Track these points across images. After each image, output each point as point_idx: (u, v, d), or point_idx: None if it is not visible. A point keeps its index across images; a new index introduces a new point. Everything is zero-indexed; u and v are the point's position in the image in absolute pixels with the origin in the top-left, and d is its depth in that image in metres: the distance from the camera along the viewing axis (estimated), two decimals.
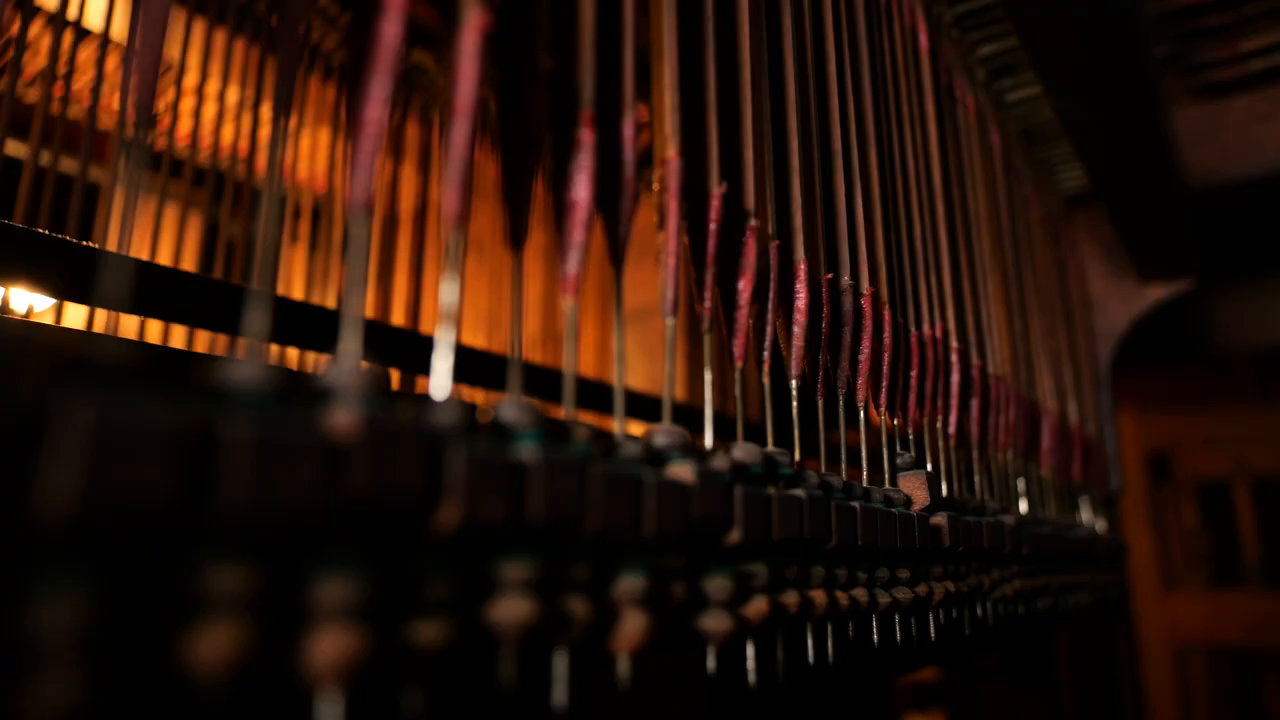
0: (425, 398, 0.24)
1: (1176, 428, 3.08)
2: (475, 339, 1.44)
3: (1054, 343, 1.07)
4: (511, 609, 0.25)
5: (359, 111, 0.24)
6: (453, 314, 0.26)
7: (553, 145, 0.31)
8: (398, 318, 1.29)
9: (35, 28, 1.03)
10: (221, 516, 0.18)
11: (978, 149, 0.87)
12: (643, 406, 1.20)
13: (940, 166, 0.73)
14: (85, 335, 0.65)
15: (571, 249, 0.31)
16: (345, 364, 0.22)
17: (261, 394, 0.19)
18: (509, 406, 0.26)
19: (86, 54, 1.01)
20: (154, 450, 0.16)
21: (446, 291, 0.26)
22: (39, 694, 0.15)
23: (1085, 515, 1.12)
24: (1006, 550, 0.67)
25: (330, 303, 1.31)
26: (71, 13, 0.91)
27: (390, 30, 0.24)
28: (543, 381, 1.10)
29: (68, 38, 0.89)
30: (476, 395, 1.05)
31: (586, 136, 0.32)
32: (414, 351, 0.95)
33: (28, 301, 1.15)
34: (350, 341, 0.23)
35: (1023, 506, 0.84)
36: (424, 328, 1.23)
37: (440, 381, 0.25)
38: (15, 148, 0.91)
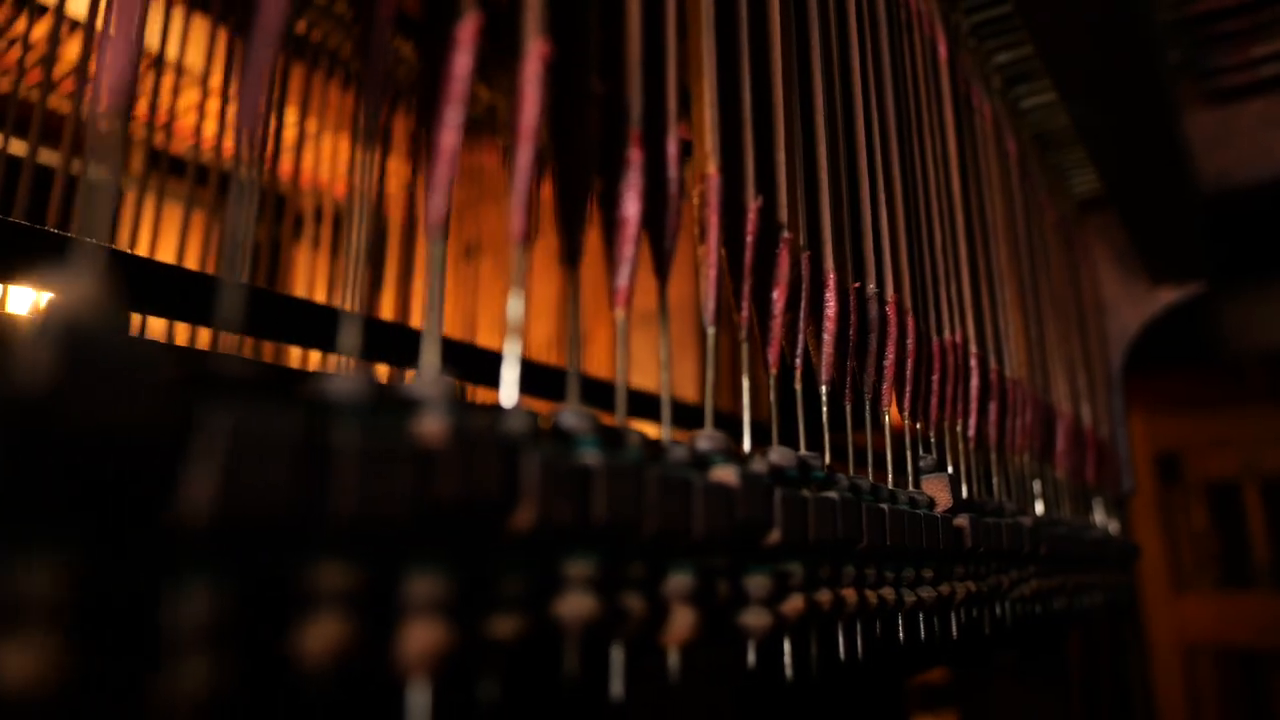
0: (495, 406, 0.26)
1: (1186, 429, 3.08)
2: (493, 340, 1.46)
3: (1068, 347, 1.08)
4: (576, 604, 0.26)
5: (435, 139, 0.25)
6: (519, 327, 0.28)
7: (603, 165, 0.33)
8: (415, 319, 1.31)
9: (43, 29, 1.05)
10: (333, 518, 0.19)
11: (994, 156, 0.88)
12: (653, 407, 1.22)
13: (959, 175, 0.74)
14: (196, 351, 0.67)
15: (623, 263, 0.33)
16: (429, 376, 0.23)
17: (365, 405, 0.20)
18: (569, 414, 0.28)
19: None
20: (281, 457, 0.18)
21: (513, 306, 0.28)
22: (176, 681, 0.17)
23: (1098, 516, 1.14)
24: (1025, 551, 0.68)
25: (348, 304, 1.33)
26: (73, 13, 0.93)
27: (462, 62, 0.25)
28: (558, 382, 1.12)
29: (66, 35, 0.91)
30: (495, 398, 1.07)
31: (635, 155, 0.33)
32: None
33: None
34: (431, 354, 0.25)
35: (1039, 508, 0.85)
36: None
37: (509, 391, 0.27)
38: (39, 153, 0.93)
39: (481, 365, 1.03)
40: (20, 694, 0.14)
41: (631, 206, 0.33)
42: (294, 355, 1.23)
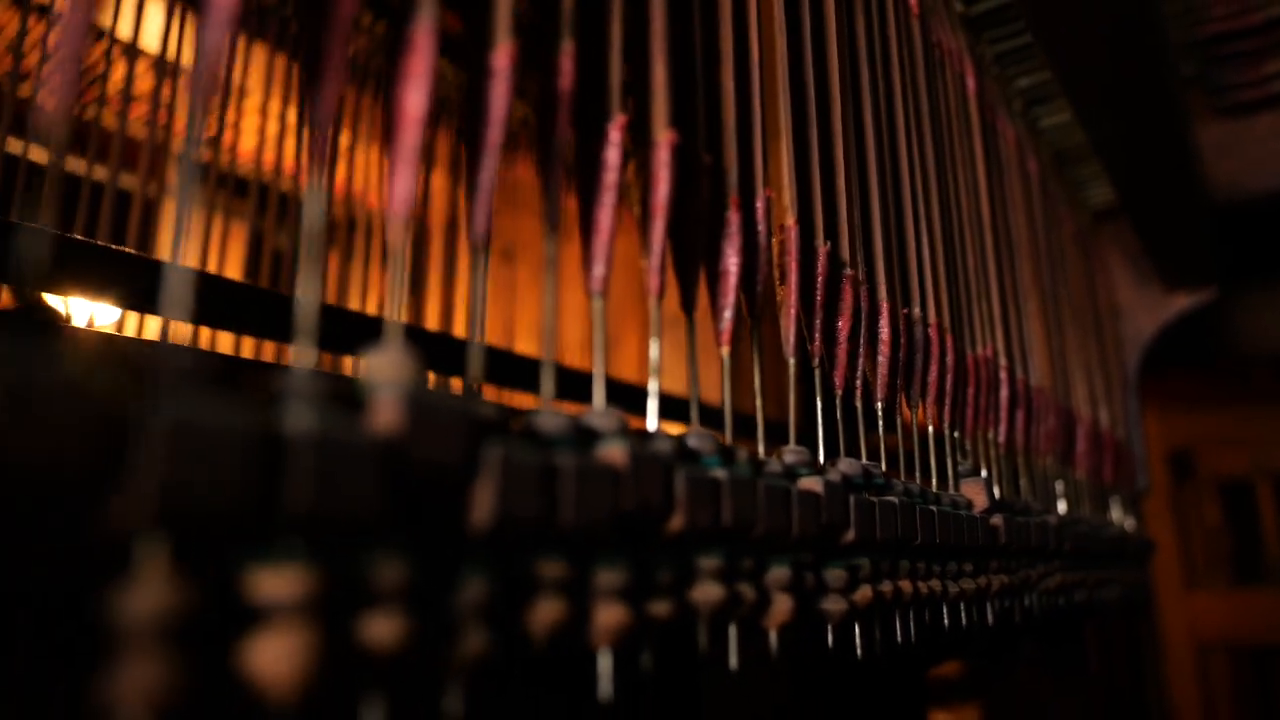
0: (643, 433, 0.32)
1: (1199, 427, 3.12)
2: (528, 347, 1.53)
3: (1086, 352, 1.14)
4: (708, 592, 0.33)
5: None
6: (657, 368, 0.34)
7: (709, 226, 0.40)
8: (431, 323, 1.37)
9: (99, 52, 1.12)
10: (558, 528, 0.26)
11: (1017, 177, 0.94)
12: (681, 410, 1.29)
13: (988, 200, 0.80)
14: (151, 343, 0.73)
15: (725, 309, 0.39)
16: (602, 411, 0.30)
17: (568, 437, 0.27)
18: (694, 437, 0.35)
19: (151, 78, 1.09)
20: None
21: (653, 351, 0.34)
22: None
23: (1116, 514, 1.20)
24: (1050, 548, 0.74)
25: (371, 309, 1.41)
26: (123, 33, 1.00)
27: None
28: (585, 385, 1.18)
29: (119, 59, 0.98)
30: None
31: (734, 217, 0.40)
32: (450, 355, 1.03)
33: (89, 312, 1.24)
34: (600, 393, 0.31)
35: (1062, 507, 0.91)
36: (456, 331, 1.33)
37: (652, 419, 0.34)
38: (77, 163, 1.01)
39: (518, 370, 1.10)
40: None
41: (732, 261, 0.39)
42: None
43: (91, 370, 0.17)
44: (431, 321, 1.40)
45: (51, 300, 0.88)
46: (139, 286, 0.67)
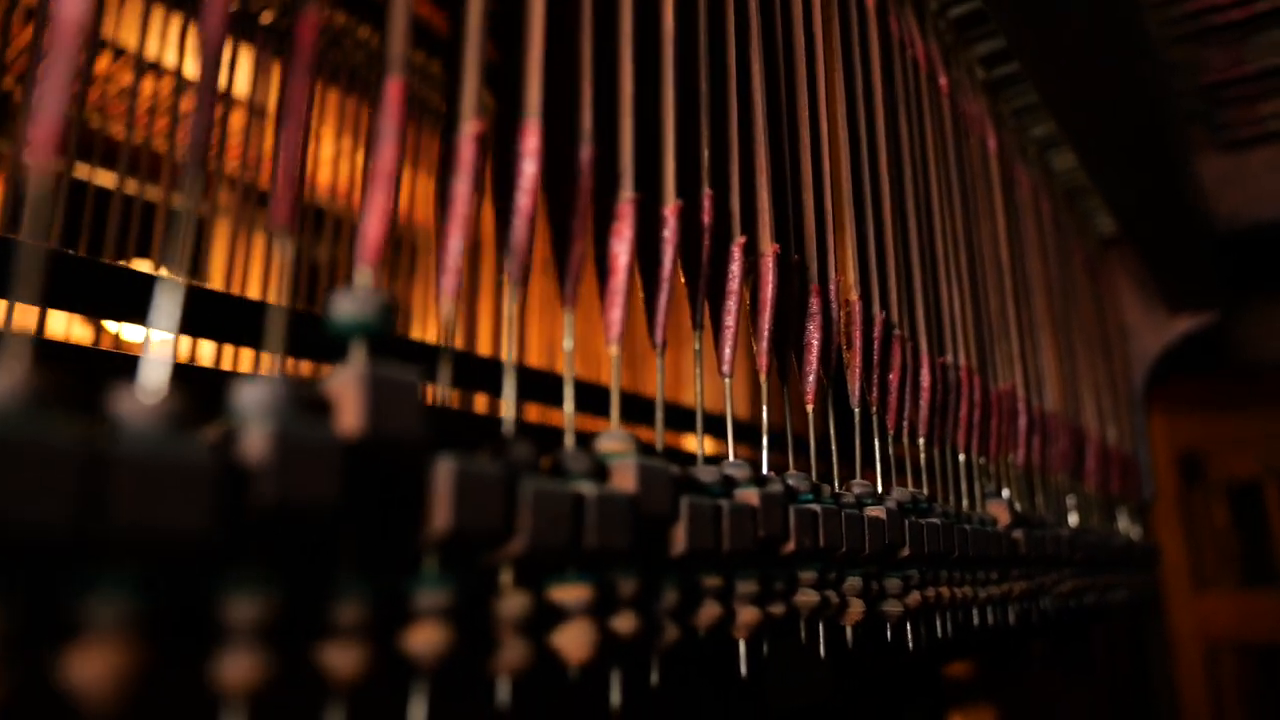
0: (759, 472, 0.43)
1: (1207, 430, 3.19)
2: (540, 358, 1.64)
3: (1095, 373, 1.25)
4: (807, 597, 0.44)
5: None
6: (766, 426, 0.45)
7: (794, 313, 0.50)
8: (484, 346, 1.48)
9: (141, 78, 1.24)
10: (725, 551, 0.37)
11: (1032, 219, 1.05)
12: (711, 425, 1.40)
13: (1007, 246, 0.91)
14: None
15: (809, 374, 0.50)
16: (736, 462, 0.41)
17: (813, 490, 0.38)
18: (794, 478, 0.45)
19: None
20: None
21: (764, 415, 0.45)
22: None
23: (1122, 523, 1.30)
24: (1064, 557, 0.85)
25: (430, 334, 1.53)
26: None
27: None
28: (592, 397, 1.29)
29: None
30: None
31: (815, 301, 0.51)
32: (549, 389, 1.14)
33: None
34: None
35: (1073, 519, 1.02)
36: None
37: (764, 462, 0.44)
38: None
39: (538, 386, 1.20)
40: None
41: (814, 336, 0.50)
42: None
43: None
44: (485, 344, 1.51)
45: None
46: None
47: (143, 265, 1.13)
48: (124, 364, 0.62)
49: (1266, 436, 3.11)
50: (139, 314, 0.62)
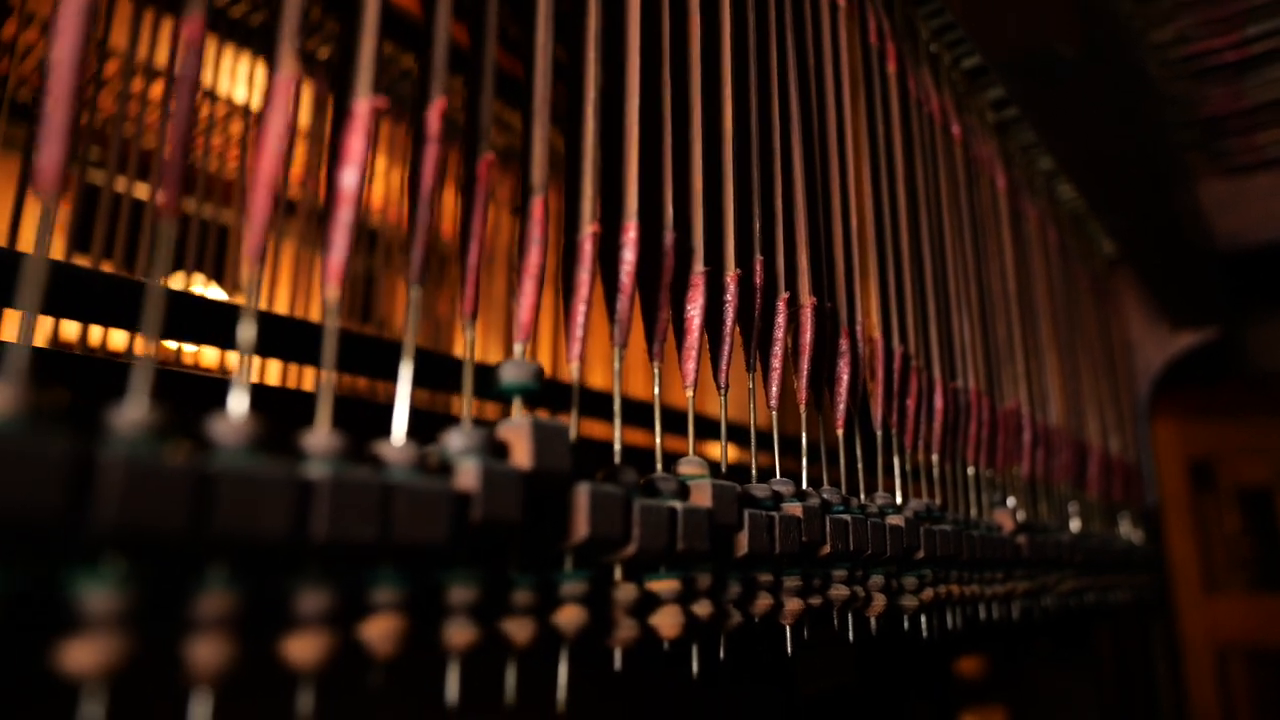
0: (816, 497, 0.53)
1: (1218, 436, 3.24)
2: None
3: (1098, 390, 1.33)
4: (840, 592, 0.53)
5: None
6: (808, 453, 0.54)
7: (827, 353, 0.60)
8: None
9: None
10: (803, 554, 0.46)
11: (1038, 248, 1.13)
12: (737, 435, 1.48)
13: (1014, 276, 1.00)
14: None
15: (840, 403, 0.59)
16: (826, 489, 0.50)
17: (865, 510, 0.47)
18: (829, 492, 0.55)
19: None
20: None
21: (804, 441, 0.54)
22: None
23: (1124, 528, 1.38)
24: (1064, 559, 0.94)
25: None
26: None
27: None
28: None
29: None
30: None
31: (844, 342, 0.60)
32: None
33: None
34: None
35: (1075, 525, 1.11)
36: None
37: (803, 485, 0.54)
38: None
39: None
40: None
41: (845, 372, 0.60)
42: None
43: None
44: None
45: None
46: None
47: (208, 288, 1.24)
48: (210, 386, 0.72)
49: (1276, 443, 3.16)
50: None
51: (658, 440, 0.43)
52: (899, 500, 0.65)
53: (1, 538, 0.20)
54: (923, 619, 0.65)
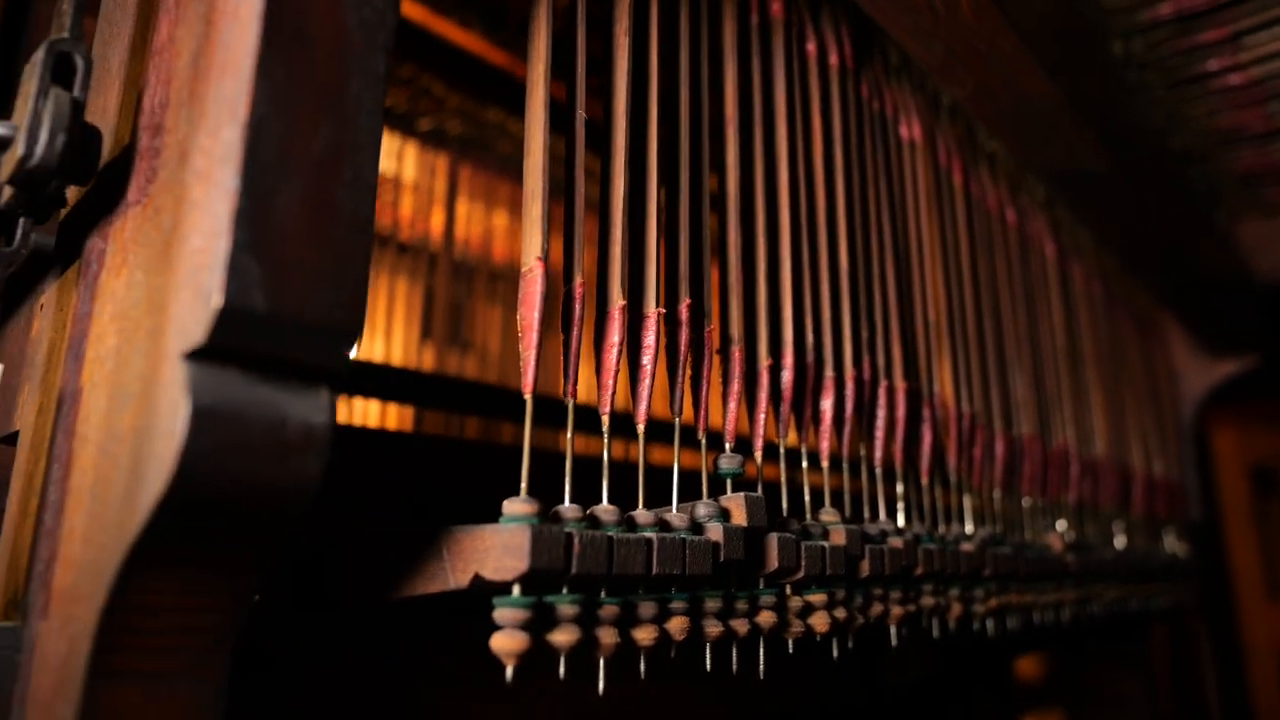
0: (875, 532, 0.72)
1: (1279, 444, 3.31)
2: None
3: (1142, 418, 1.49)
4: (927, 599, 0.73)
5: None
6: (902, 507, 0.74)
7: (913, 422, 0.79)
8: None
9: None
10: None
11: (1084, 303, 1.31)
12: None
13: (1064, 331, 1.18)
14: None
15: (922, 460, 0.79)
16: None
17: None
18: (878, 526, 0.74)
19: None
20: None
21: (900, 492, 0.74)
22: None
23: (1169, 541, 1.54)
24: (1108, 572, 1.12)
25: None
26: None
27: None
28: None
29: None
30: None
31: (927, 413, 0.80)
32: None
33: None
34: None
35: (1120, 541, 1.28)
36: None
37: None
38: None
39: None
40: None
41: (927, 440, 0.79)
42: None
43: None
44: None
45: None
46: None
47: None
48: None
49: None
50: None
51: (808, 497, 0.64)
52: (969, 529, 0.85)
53: (536, 581, 0.42)
54: (989, 622, 0.84)
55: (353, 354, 0.38)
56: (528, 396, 0.46)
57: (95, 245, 0.48)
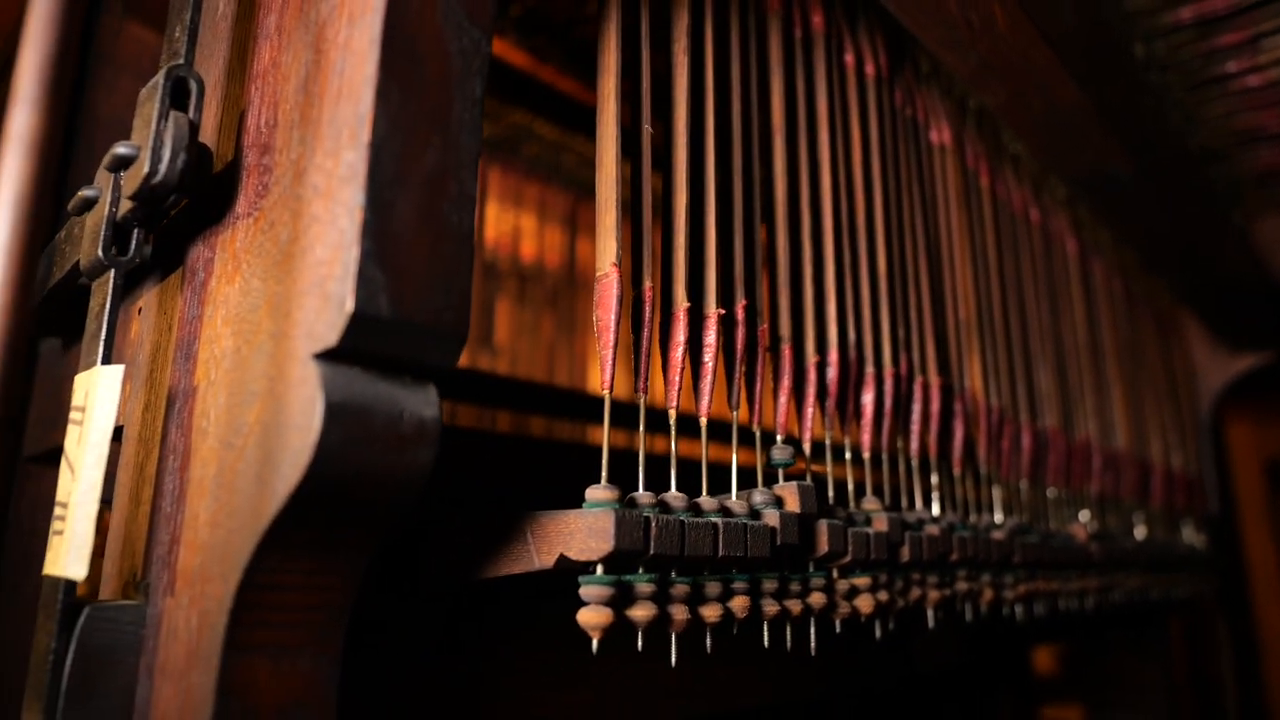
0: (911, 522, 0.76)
1: None
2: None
3: (1161, 413, 1.52)
4: (961, 584, 0.76)
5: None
6: (938, 501, 0.78)
7: (946, 417, 0.83)
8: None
9: None
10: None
11: (1105, 298, 1.34)
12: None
13: (1086, 328, 1.21)
14: None
15: (954, 453, 0.82)
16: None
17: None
18: (914, 515, 0.78)
19: None
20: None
21: (934, 491, 0.78)
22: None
23: (1188, 533, 1.57)
24: (1129, 561, 1.15)
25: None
26: None
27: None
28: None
29: None
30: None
31: (959, 407, 0.83)
32: None
33: None
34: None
35: (1140, 532, 1.31)
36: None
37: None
38: None
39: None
40: None
41: (959, 433, 0.82)
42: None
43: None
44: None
45: None
46: None
47: None
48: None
49: None
50: None
51: (850, 487, 0.67)
52: (999, 519, 0.88)
53: (618, 561, 0.46)
54: (1017, 608, 0.87)
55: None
56: (605, 393, 0.49)
57: (201, 254, 0.52)
